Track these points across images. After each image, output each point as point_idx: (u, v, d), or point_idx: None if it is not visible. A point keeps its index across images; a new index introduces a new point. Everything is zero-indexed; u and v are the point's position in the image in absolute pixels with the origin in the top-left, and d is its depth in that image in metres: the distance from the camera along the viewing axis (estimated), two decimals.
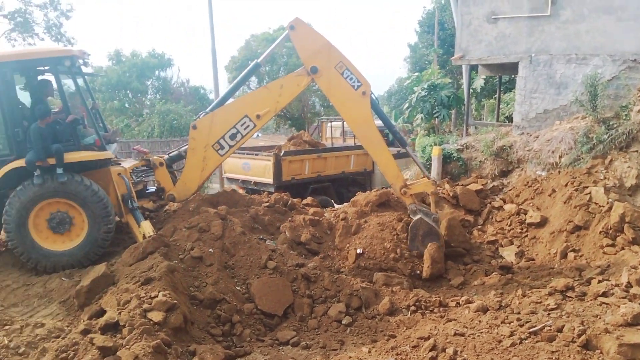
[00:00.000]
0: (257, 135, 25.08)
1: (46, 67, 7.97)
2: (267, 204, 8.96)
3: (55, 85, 8.02)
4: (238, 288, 6.58)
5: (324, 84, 8.08)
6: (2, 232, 7.59)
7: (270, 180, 11.65)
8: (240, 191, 10.91)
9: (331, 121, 15.61)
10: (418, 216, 7.99)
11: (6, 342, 5.05)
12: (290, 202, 9.28)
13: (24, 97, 8.04)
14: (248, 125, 8.23)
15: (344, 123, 14.77)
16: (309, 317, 6.43)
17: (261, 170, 11.88)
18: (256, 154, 12.30)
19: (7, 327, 5.40)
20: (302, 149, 12.49)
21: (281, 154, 11.63)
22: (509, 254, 8.44)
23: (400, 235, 8.03)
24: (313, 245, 7.94)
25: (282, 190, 10.86)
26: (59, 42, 32.69)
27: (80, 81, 8.35)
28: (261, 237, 7.84)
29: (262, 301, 6.40)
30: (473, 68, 13.69)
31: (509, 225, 9.06)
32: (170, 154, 9.16)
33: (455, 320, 5.76)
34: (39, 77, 8.20)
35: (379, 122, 8.93)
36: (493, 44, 11.39)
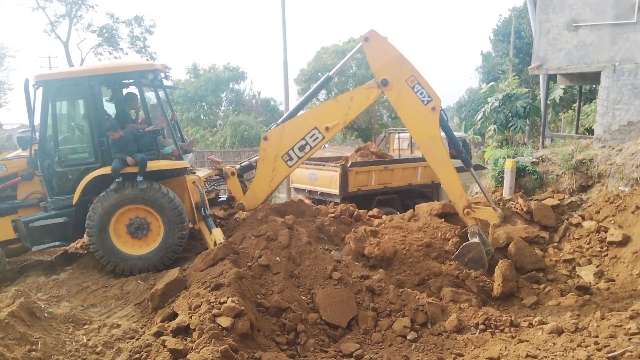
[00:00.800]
0: (324, 147, 25.33)
1: (131, 81, 8.51)
2: (333, 215, 9.01)
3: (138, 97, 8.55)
4: (303, 297, 6.65)
5: (393, 96, 8.00)
6: (85, 235, 8.13)
7: (336, 191, 11.71)
8: (307, 201, 11.05)
9: (399, 132, 15.46)
10: (476, 240, 7.75)
11: (85, 340, 5.35)
12: (356, 213, 9.28)
13: (110, 109, 8.63)
14: (317, 137, 8.33)
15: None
16: (373, 330, 6.37)
17: (328, 181, 11.98)
18: (323, 165, 12.42)
19: (86, 327, 5.73)
20: (369, 160, 12.47)
21: (348, 165, 11.67)
22: (587, 274, 7.97)
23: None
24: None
25: (348, 201, 10.88)
26: (143, 56, 34.86)
27: (161, 93, 8.85)
28: (326, 247, 7.89)
29: (327, 312, 6.42)
30: (551, 78, 13.12)
31: (588, 244, 8.56)
32: (242, 164, 9.47)
33: (527, 341, 5.51)
34: (124, 90, 8.78)
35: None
36: (573, 52, 10.88)
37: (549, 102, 15.08)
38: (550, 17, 11.11)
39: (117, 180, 7.72)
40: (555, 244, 8.91)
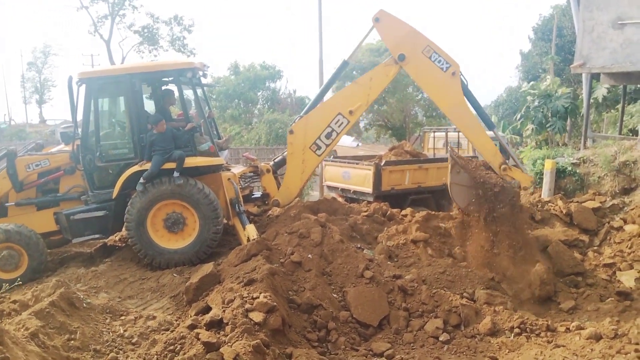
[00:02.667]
0: (358, 145, 25.27)
1: (170, 78, 8.69)
2: (366, 213, 8.98)
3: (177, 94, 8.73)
4: (334, 295, 6.65)
5: (412, 70, 8.15)
6: (124, 229, 8.36)
7: (369, 190, 11.64)
8: (340, 199, 11.03)
9: (434, 131, 15.28)
10: (514, 188, 7.80)
11: (121, 331, 5.51)
12: (389, 212, 9.21)
13: (149, 106, 8.84)
14: (342, 122, 8.47)
15: (448, 133, 14.40)
16: (405, 330, 6.32)
17: (361, 179, 11.92)
18: (357, 163, 12.37)
19: (122, 318, 5.89)
20: (403, 159, 12.35)
21: (382, 164, 11.59)
22: (628, 279, 7.68)
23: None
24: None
25: (381, 200, 10.81)
26: (182, 54, 35.59)
27: (199, 91, 9.01)
28: (359, 246, 7.87)
29: (358, 310, 6.41)
30: (594, 77, 12.70)
31: (630, 248, 8.26)
32: (276, 160, 9.57)
33: (563, 346, 5.38)
34: (163, 87, 8.97)
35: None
36: (618, 51, 10.50)
37: (591, 101, 14.60)
38: (594, 14, 10.75)
39: (141, 182, 7.86)
40: (595, 248, 8.63)
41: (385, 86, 8.73)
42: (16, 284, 6.70)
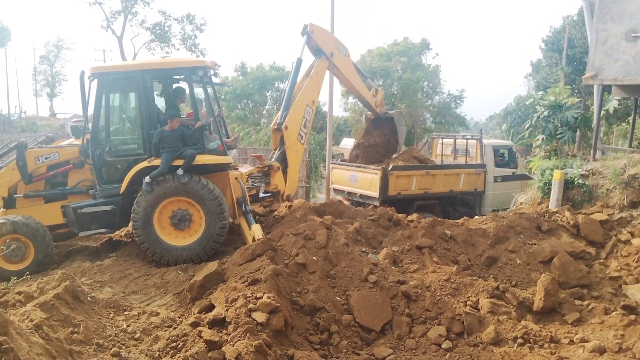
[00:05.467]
0: None
1: (181, 76, 8.73)
2: (371, 218, 8.97)
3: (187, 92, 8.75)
4: (338, 298, 6.64)
5: (337, 61, 10.56)
6: (130, 226, 8.38)
7: (376, 194, 11.64)
8: (346, 203, 11.03)
9: (442, 138, 15.23)
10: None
11: (125, 326, 5.52)
12: (395, 217, 9.20)
13: (160, 103, 8.87)
14: (309, 112, 9.98)
15: (456, 140, 14.36)
16: (407, 336, 6.30)
17: (368, 183, 11.92)
18: (364, 167, 12.38)
19: (126, 313, 5.91)
20: (411, 164, 12.34)
21: (389, 169, 11.58)
22: (633, 293, 7.61)
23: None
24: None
25: (387, 204, 10.81)
26: (193, 53, 35.70)
27: (209, 90, 9.04)
28: (363, 249, 7.86)
29: (361, 314, 6.40)
30: (605, 89, 12.61)
31: (636, 262, 8.18)
32: (276, 158, 9.67)
33: (567, 358, 5.36)
34: (175, 85, 9.01)
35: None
36: (631, 63, 10.43)
37: (602, 113, 14.50)
38: (607, 26, 10.70)
39: (147, 181, 7.88)
40: (601, 260, 8.56)
41: (323, 76, 10.77)
42: (24, 277, 6.73)
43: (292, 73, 10.35)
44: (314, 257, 7.07)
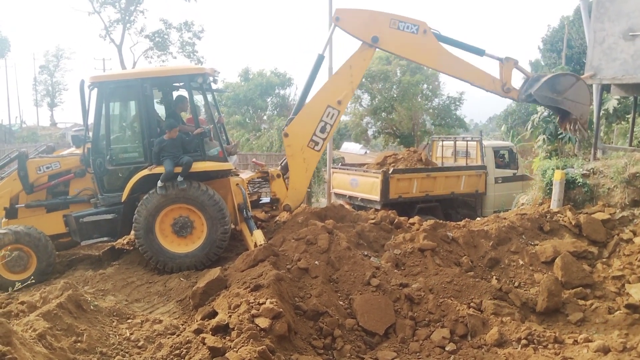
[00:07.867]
0: (366, 152, 25.23)
1: (181, 84, 8.76)
2: (373, 221, 8.96)
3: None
4: (341, 302, 6.64)
5: (390, 46, 8.81)
6: (132, 235, 8.38)
7: (377, 198, 11.64)
8: (347, 207, 11.03)
9: (442, 140, 15.23)
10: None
11: (128, 334, 5.53)
12: (396, 220, 9.20)
13: (160, 111, 8.90)
14: (333, 114, 8.88)
15: (456, 142, 14.37)
16: (411, 339, 6.29)
17: (369, 187, 11.92)
18: (365, 171, 12.37)
19: (129, 321, 5.91)
20: (411, 167, 12.34)
21: (389, 172, 11.59)
22: (637, 292, 7.59)
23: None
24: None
25: (388, 208, 10.80)
26: (191, 60, 35.81)
27: (209, 97, 9.07)
28: (366, 253, 7.85)
29: (364, 318, 6.39)
30: (604, 88, 12.63)
31: (639, 260, 8.18)
32: (282, 164, 9.65)
33: (571, 359, 5.34)
34: (175, 93, 9.04)
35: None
36: (629, 62, 10.45)
37: (601, 113, 14.51)
38: (605, 25, 10.72)
39: (159, 185, 7.91)
40: (604, 260, 8.55)
41: (364, 70, 9.40)
42: (28, 282, 6.74)
43: (310, 72, 9.22)
44: (316, 262, 7.07)
